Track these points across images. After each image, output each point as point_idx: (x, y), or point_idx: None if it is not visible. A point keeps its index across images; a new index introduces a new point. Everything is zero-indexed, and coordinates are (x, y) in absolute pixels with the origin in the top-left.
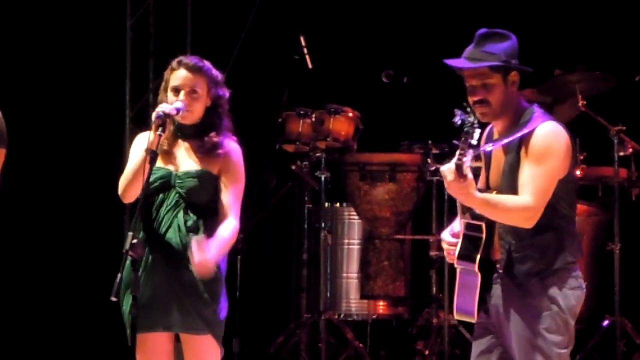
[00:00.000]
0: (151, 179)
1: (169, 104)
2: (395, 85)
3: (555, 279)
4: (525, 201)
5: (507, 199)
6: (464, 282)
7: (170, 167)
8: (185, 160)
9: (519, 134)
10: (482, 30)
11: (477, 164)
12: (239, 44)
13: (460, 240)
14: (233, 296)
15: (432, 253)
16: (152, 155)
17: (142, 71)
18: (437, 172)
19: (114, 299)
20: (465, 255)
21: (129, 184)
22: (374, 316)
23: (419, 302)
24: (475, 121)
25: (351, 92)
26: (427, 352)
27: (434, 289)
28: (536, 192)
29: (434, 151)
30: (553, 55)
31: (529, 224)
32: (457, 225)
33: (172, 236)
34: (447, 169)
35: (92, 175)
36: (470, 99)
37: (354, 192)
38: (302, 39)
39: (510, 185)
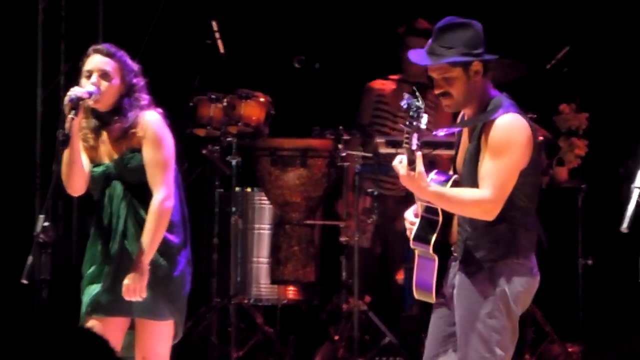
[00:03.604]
0: (94, 178)
1: (82, 88)
2: (307, 70)
3: (505, 267)
4: (482, 194)
5: (463, 192)
6: (422, 264)
7: (105, 161)
8: (113, 149)
9: (476, 121)
10: (441, 23)
11: (440, 152)
12: (151, 28)
13: (417, 221)
14: None
15: (342, 239)
16: (64, 138)
17: (54, 54)
18: (347, 158)
19: (24, 281)
20: (421, 236)
21: (65, 177)
22: (284, 301)
23: (329, 287)
24: (422, 105)
25: (263, 77)
26: (337, 338)
27: (344, 274)
28: (495, 185)
29: (345, 137)
30: None
31: (488, 216)
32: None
33: (130, 225)
34: (398, 162)
35: (3, 157)
36: (435, 92)
37: (264, 177)
38: (214, 23)
39: (469, 173)
